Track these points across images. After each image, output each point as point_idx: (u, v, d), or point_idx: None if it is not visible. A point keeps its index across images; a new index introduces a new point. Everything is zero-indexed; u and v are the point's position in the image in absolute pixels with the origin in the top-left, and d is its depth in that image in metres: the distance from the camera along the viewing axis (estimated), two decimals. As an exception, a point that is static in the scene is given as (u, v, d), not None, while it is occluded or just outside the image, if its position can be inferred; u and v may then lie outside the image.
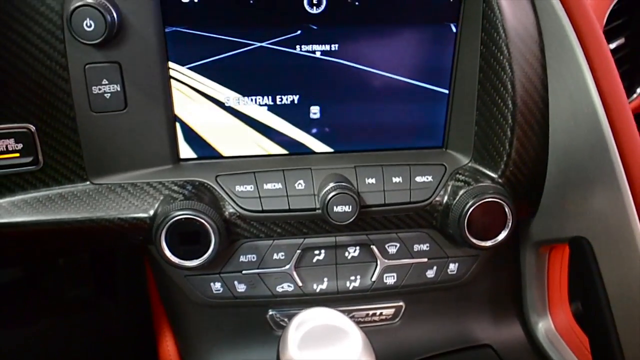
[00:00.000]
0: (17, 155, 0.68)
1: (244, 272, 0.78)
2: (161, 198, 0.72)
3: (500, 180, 0.75)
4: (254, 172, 0.74)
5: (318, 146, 0.77)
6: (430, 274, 0.82)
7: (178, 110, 0.72)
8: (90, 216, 0.71)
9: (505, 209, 0.73)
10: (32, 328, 1.23)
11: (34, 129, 0.67)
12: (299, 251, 0.78)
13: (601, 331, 0.76)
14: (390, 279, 0.82)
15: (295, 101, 0.74)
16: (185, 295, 0.81)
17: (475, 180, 0.75)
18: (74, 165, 0.70)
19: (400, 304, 0.87)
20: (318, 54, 0.71)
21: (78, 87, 0.66)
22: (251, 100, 0.73)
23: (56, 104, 0.67)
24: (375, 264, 0.81)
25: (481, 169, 0.77)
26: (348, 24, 0.70)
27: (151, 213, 0.71)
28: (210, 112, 0.73)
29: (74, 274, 1.29)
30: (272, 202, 0.73)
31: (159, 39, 0.67)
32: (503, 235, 0.74)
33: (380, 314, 0.87)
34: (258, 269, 0.78)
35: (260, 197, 0.73)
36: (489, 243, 0.74)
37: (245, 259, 0.77)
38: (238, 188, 0.73)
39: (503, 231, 0.74)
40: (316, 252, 0.79)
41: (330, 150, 0.78)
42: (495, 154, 0.75)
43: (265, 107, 0.74)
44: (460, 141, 0.78)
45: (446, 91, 0.76)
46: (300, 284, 0.80)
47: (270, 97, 0.73)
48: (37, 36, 0.63)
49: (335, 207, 0.71)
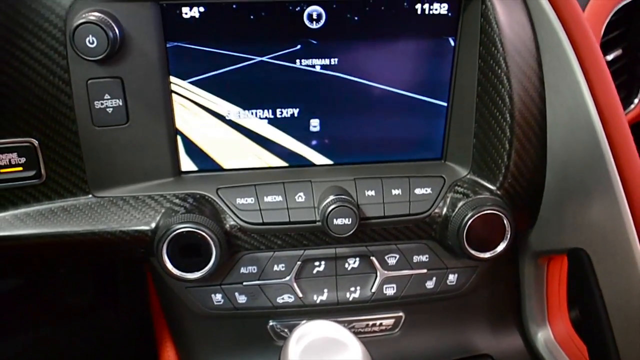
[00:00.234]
0: (20, 169, 0.69)
1: (244, 284, 0.78)
2: (163, 211, 0.72)
3: (498, 192, 0.76)
4: (255, 185, 0.74)
5: (318, 158, 0.78)
6: (429, 284, 0.83)
7: (179, 124, 0.73)
8: (92, 229, 0.72)
9: (504, 220, 0.73)
10: (32, 335, 1.24)
11: (37, 143, 0.68)
12: (299, 263, 0.78)
13: (600, 341, 0.76)
14: (390, 290, 0.82)
15: (295, 114, 0.75)
16: (186, 305, 0.81)
17: (474, 192, 0.75)
18: (76, 178, 0.71)
19: (400, 314, 0.87)
20: (318, 68, 0.72)
21: (80, 102, 0.67)
22: (252, 113, 0.74)
23: (59, 118, 0.67)
24: (375, 275, 0.81)
25: (480, 181, 0.77)
26: (347, 38, 0.71)
27: (153, 226, 0.72)
28: (211, 126, 0.74)
29: (74, 282, 1.29)
30: (273, 215, 0.74)
31: (161, 54, 0.68)
32: (502, 246, 0.75)
33: (380, 324, 0.87)
34: (259, 280, 0.78)
35: (260, 210, 0.74)
36: (488, 254, 0.75)
37: (246, 270, 0.78)
38: (239, 200, 0.74)
39: (502, 243, 0.75)
40: (316, 264, 0.80)
41: (330, 162, 0.79)
42: (494, 166, 0.75)
43: (266, 121, 0.74)
44: (459, 153, 0.79)
45: (445, 104, 0.77)
46: (300, 295, 0.80)
47: (270, 111, 0.74)
48: (40, 52, 0.64)
49: (335, 220, 0.71)
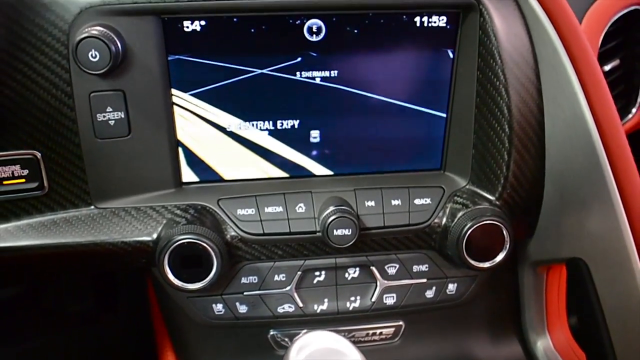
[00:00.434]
0: (23, 180, 0.69)
1: (245, 294, 0.79)
2: (164, 222, 0.73)
3: (497, 202, 0.76)
4: (255, 196, 0.75)
5: (318, 169, 0.79)
6: (429, 294, 0.83)
7: (180, 136, 0.74)
8: (94, 240, 0.72)
9: (503, 231, 0.74)
10: (33, 342, 1.24)
11: (40, 155, 0.69)
12: (299, 272, 0.79)
13: (599, 350, 0.77)
14: (390, 300, 0.82)
15: (296, 126, 0.75)
16: (186, 315, 0.82)
17: (473, 203, 0.76)
18: (78, 190, 0.72)
19: (400, 323, 0.88)
20: (318, 80, 0.73)
21: (83, 115, 0.67)
22: (252, 125, 0.74)
23: (61, 131, 0.68)
24: (375, 284, 0.82)
25: (479, 191, 0.78)
26: (347, 51, 0.72)
27: (154, 237, 0.72)
28: (212, 137, 0.75)
29: (74, 289, 1.30)
30: (273, 225, 0.74)
31: (162, 67, 0.69)
32: (501, 256, 0.75)
33: (380, 333, 0.88)
34: (259, 290, 0.79)
35: (261, 221, 0.74)
36: (487, 264, 0.75)
37: (247, 280, 0.78)
38: (240, 211, 0.74)
39: (501, 252, 0.75)
40: (316, 274, 0.80)
41: (330, 173, 0.79)
42: (493, 176, 0.76)
43: (266, 132, 0.75)
44: (458, 164, 0.80)
45: (444, 115, 0.78)
46: (301, 305, 0.81)
47: (271, 122, 0.75)
48: (44, 66, 0.65)
49: (335, 231, 0.72)
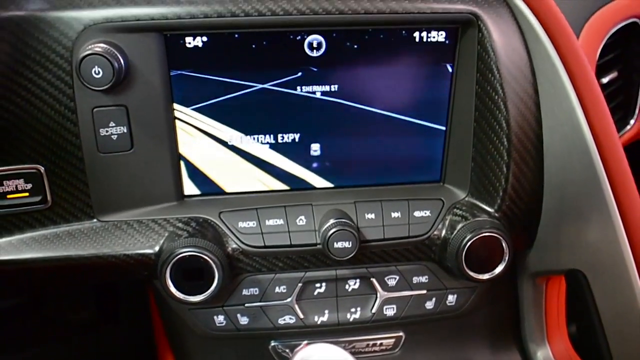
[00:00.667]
0: (27, 194, 0.70)
1: (246, 305, 0.80)
2: (166, 235, 0.74)
3: (496, 214, 0.77)
4: (256, 209, 0.75)
5: (319, 182, 0.79)
6: (429, 305, 0.84)
7: (182, 149, 0.75)
8: (97, 253, 0.73)
9: (502, 243, 0.74)
10: (34, 351, 1.24)
11: (43, 169, 0.69)
12: (300, 284, 0.79)
13: (598, 360, 0.77)
14: (390, 311, 0.83)
15: (296, 139, 0.76)
16: (188, 326, 0.82)
17: (472, 215, 0.77)
18: (81, 203, 0.72)
19: (400, 334, 0.88)
20: (318, 95, 0.74)
21: (86, 130, 0.68)
22: (253, 139, 0.75)
23: (65, 145, 0.69)
24: (375, 296, 0.82)
25: (478, 203, 0.78)
26: (347, 65, 0.73)
27: (156, 249, 0.73)
28: (213, 151, 0.75)
29: (76, 298, 1.30)
30: (274, 238, 0.75)
31: (165, 82, 0.69)
32: (500, 268, 0.76)
33: (380, 344, 0.88)
34: (260, 302, 0.80)
35: (262, 233, 0.75)
36: (486, 276, 0.76)
37: (248, 292, 0.79)
38: (241, 224, 0.75)
39: (500, 264, 0.76)
40: (317, 285, 0.81)
41: (331, 185, 0.80)
42: (492, 189, 0.76)
43: (267, 145, 0.76)
44: (457, 176, 0.80)
45: (443, 128, 0.78)
46: (301, 316, 0.81)
47: (271, 136, 0.75)
48: (47, 82, 0.66)
49: (335, 243, 0.72)
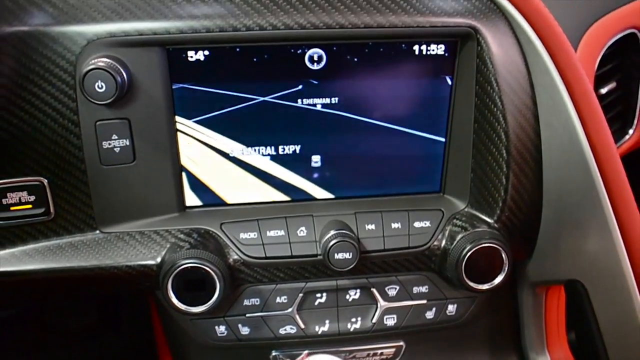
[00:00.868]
0: (30, 206, 0.71)
1: (247, 315, 0.80)
2: (168, 246, 0.74)
3: (496, 225, 0.77)
4: (258, 220, 0.76)
5: (319, 193, 0.80)
6: (429, 315, 0.84)
7: (184, 161, 0.75)
8: (99, 264, 0.73)
9: (502, 254, 0.75)
10: (35, 358, 1.25)
11: (46, 182, 0.70)
12: (301, 295, 0.80)
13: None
14: (391, 321, 0.83)
15: (297, 151, 0.77)
16: (189, 336, 0.83)
17: (472, 226, 0.77)
18: (84, 215, 0.73)
19: (401, 343, 0.89)
20: (319, 107, 0.74)
21: (89, 142, 0.69)
22: (254, 150, 0.76)
23: (68, 158, 0.69)
24: (375, 306, 0.83)
25: (478, 214, 0.79)
26: (347, 78, 0.73)
27: (158, 260, 0.74)
28: (215, 162, 0.76)
29: (77, 305, 1.30)
30: (275, 249, 0.76)
31: (167, 95, 0.70)
32: (500, 278, 0.76)
33: (381, 353, 0.89)
34: (261, 312, 0.80)
35: (263, 244, 0.75)
36: (486, 286, 0.76)
37: (249, 302, 0.79)
38: (242, 235, 0.75)
39: (500, 275, 0.76)
40: (318, 295, 0.81)
41: (331, 196, 0.81)
42: (491, 200, 0.77)
43: (268, 157, 0.77)
44: (457, 187, 0.81)
45: (443, 139, 0.79)
46: (302, 326, 0.82)
47: (273, 148, 0.76)
48: (51, 96, 0.66)
49: (336, 254, 0.73)
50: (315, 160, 0.78)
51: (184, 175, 0.76)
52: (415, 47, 0.73)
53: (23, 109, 0.66)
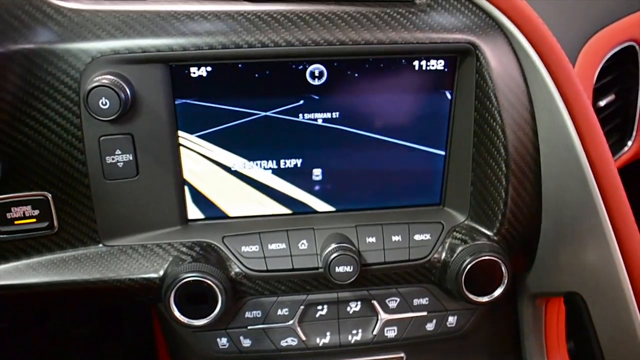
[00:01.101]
0: (34, 220, 0.71)
1: (249, 328, 0.81)
2: (170, 259, 0.75)
3: (495, 238, 0.78)
4: (259, 233, 0.77)
5: (320, 206, 0.81)
6: (429, 326, 0.85)
7: (187, 175, 0.76)
8: (102, 277, 0.74)
9: (502, 266, 0.75)
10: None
11: (50, 196, 0.71)
12: (302, 307, 0.80)
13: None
14: (391, 332, 0.84)
15: (298, 165, 0.77)
16: (191, 348, 0.83)
17: (471, 238, 0.78)
18: (87, 229, 0.74)
19: (401, 355, 0.89)
20: (320, 122, 0.75)
21: (92, 158, 0.70)
22: (256, 164, 0.77)
23: (72, 173, 0.70)
24: (376, 318, 0.83)
25: (477, 227, 0.80)
26: (348, 93, 0.74)
27: (161, 273, 0.74)
28: (217, 176, 0.77)
29: (79, 313, 1.31)
30: (277, 262, 0.76)
31: (170, 111, 0.71)
32: (499, 291, 0.77)
33: (381, 365, 0.89)
34: (263, 324, 0.81)
35: (265, 257, 0.76)
36: (486, 299, 0.77)
37: (251, 315, 0.80)
38: (244, 249, 0.76)
39: (499, 287, 0.77)
40: (319, 308, 0.82)
41: (332, 209, 0.81)
42: (491, 213, 0.78)
43: (270, 171, 0.77)
44: (457, 199, 0.81)
45: (443, 153, 0.80)
46: (303, 339, 0.82)
47: (274, 162, 0.77)
48: (55, 112, 0.67)
49: (337, 268, 0.74)
50: (317, 173, 0.78)
51: (186, 188, 0.77)
52: (415, 63, 0.73)
53: (28, 124, 0.67)
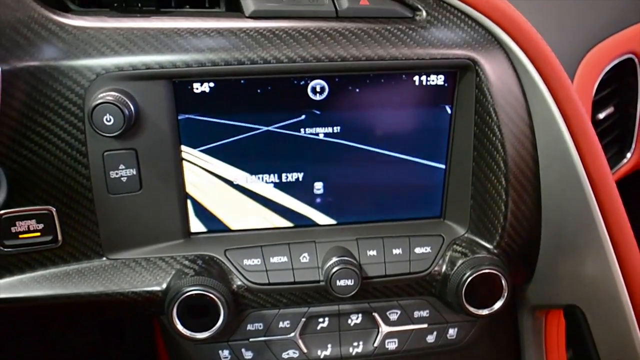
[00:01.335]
0: (38, 234, 0.72)
1: (251, 340, 0.81)
2: (173, 272, 0.75)
3: (495, 251, 0.79)
4: (261, 246, 0.77)
5: (321, 219, 0.81)
6: (430, 339, 0.85)
7: (189, 189, 0.77)
8: (105, 290, 0.75)
9: (502, 280, 0.76)
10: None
11: (55, 210, 0.71)
12: (303, 319, 0.81)
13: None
14: (392, 345, 0.85)
15: (300, 178, 0.78)
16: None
17: (471, 251, 0.78)
18: (91, 242, 0.74)
19: (402, 366, 0.90)
20: (321, 136, 0.76)
21: (96, 172, 0.70)
22: (258, 178, 0.77)
23: (76, 187, 0.71)
24: (377, 330, 0.84)
25: (477, 240, 0.80)
26: (349, 108, 0.75)
27: (164, 286, 0.75)
28: (219, 190, 0.77)
29: (81, 322, 1.31)
30: (278, 275, 0.77)
31: (173, 126, 0.72)
32: (499, 304, 0.77)
33: (382, 376, 0.90)
34: (264, 336, 0.81)
35: (267, 271, 0.77)
36: (486, 311, 0.78)
37: (253, 327, 0.80)
38: (246, 262, 0.77)
39: (499, 300, 0.77)
40: (320, 320, 0.82)
41: (333, 222, 0.82)
42: (491, 226, 0.78)
43: (272, 185, 0.78)
44: (457, 212, 0.82)
45: (443, 166, 0.80)
46: (305, 351, 0.83)
47: (276, 175, 0.78)
48: (60, 128, 0.68)
49: (338, 281, 0.74)
50: (318, 187, 0.79)
51: (189, 202, 0.77)
52: (416, 78, 0.74)
53: (33, 140, 0.68)
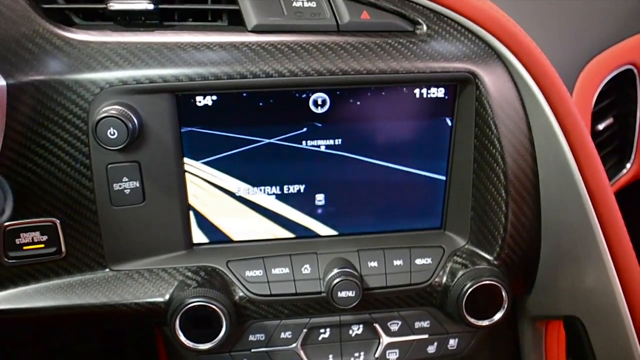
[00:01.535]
0: (42, 246, 0.73)
1: (252, 351, 0.82)
2: (175, 284, 0.76)
3: (496, 262, 0.79)
4: (263, 258, 0.78)
5: (323, 230, 0.82)
6: (431, 349, 0.86)
7: (192, 200, 0.77)
8: (108, 301, 0.75)
9: (502, 291, 0.76)
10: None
11: (58, 222, 0.72)
12: (305, 330, 0.81)
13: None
14: (393, 355, 0.85)
15: (302, 190, 0.79)
16: (195, 370, 0.84)
17: (472, 263, 0.79)
18: (94, 254, 0.75)
19: (403, 377, 0.90)
20: (323, 148, 0.76)
21: (100, 185, 0.71)
22: (260, 190, 0.78)
23: (79, 199, 0.71)
24: (378, 341, 0.84)
25: (478, 251, 0.81)
26: (350, 121, 0.76)
27: (166, 298, 0.75)
28: (221, 201, 0.78)
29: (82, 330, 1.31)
30: (280, 287, 0.77)
31: (176, 138, 0.72)
32: (499, 315, 0.78)
33: (383, 387, 0.90)
34: (266, 347, 0.82)
35: (268, 282, 0.77)
36: (486, 322, 0.78)
37: (254, 338, 0.81)
38: (248, 273, 0.77)
39: (499, 311, 0.78)
40: (322, 331, 0.83)
41: (335, 233, 0.82)
42: (491, 237, 0.79)
43: (274, 196, 0.79)
44: (457, 224, 0.83)
45: (443, 178, 0.81)
46: None
47: (278, 187, 0.78)
48: (64, 141, 0.69)
49: (339, 293, 0.75)
50: (319, 198, 0.80)
51: (191, 213, 0.78)
52: (416, 91, 0.75)
53: (38, 153, 0.69)
